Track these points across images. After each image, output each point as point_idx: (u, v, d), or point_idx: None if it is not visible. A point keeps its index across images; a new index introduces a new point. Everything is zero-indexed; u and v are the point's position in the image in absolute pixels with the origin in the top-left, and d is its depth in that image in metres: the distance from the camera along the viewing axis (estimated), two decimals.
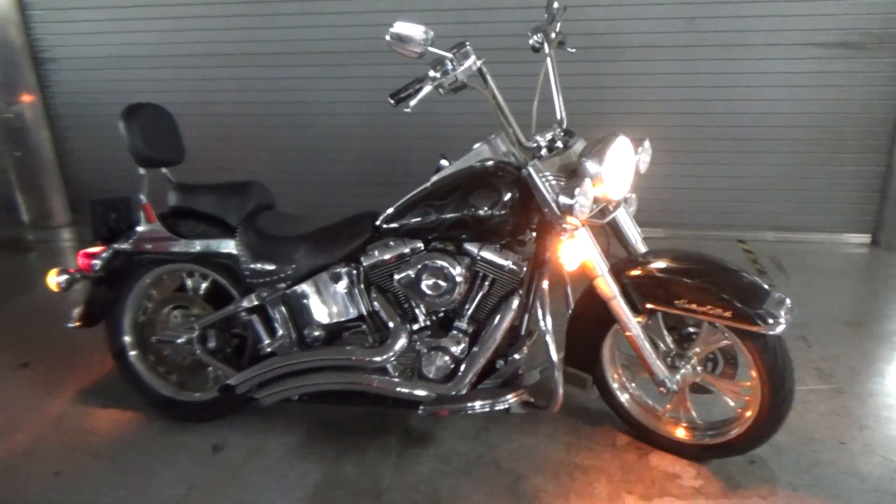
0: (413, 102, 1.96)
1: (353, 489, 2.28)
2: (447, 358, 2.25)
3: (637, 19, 4.00)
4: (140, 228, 2.50)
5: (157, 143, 2.48)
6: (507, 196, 2.13)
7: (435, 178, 2.27)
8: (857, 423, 2.54)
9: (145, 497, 2.29)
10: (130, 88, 4.61)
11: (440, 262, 2.18)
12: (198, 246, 2.45)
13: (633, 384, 2.46)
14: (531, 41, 2.39)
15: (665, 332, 2.31)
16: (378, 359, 2.29)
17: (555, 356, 2.13)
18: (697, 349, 2.26)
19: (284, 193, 2.49)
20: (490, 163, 2.19)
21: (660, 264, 2.16)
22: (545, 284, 2.17)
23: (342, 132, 4.46)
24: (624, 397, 2.44)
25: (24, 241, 4.75)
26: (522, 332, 2.30)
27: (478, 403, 2.20)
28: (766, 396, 2.12)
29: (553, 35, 2.40)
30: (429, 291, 2.21)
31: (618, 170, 2.09)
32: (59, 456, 2.51)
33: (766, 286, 2.07)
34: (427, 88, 1.97)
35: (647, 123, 4.14)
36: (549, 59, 2.35)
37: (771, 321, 1.97)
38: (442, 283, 2.19)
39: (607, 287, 2.14)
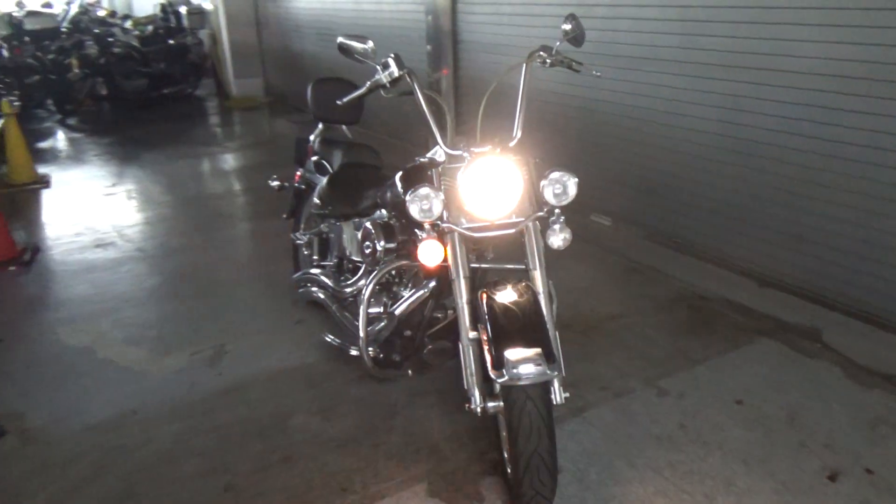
0: (345, 99, 2.53)
1: (304, 373, 3.05)
2: (371, 309, 2.74)
3: None
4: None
5: (333, 108, 3.50)
6: None
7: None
8: None
9: (232, 331, 3.52)
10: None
11: (372, 230, 2.68)
12: (322, 181, 3.43)
13: None
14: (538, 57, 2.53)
15: None
16: (346, 290, 2.93)
17: (362, 331, 2.46)
18: None
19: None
20: (424, 159, 2.53)
21: (504, 292, 2.17)
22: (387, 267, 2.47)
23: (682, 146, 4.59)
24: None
25: None
26: (424, 314, 2.60)
27: (350, 346, 2.66)
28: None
29: (541, 53, 2.48)
30: (364, 249, 2.74)
31: (478, 188, 2.20)
32: (218, 283, 3.95)
33: (545, 345, 1.94)
34: (361, 90, 2.50)
35: None
36: (522, 73, 2.46)
37: (500, 369, 1.90)
38: (367, 244, 2.69)
39: (458, 292, 2.29)
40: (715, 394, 2.86)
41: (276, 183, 3.83)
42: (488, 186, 2.19)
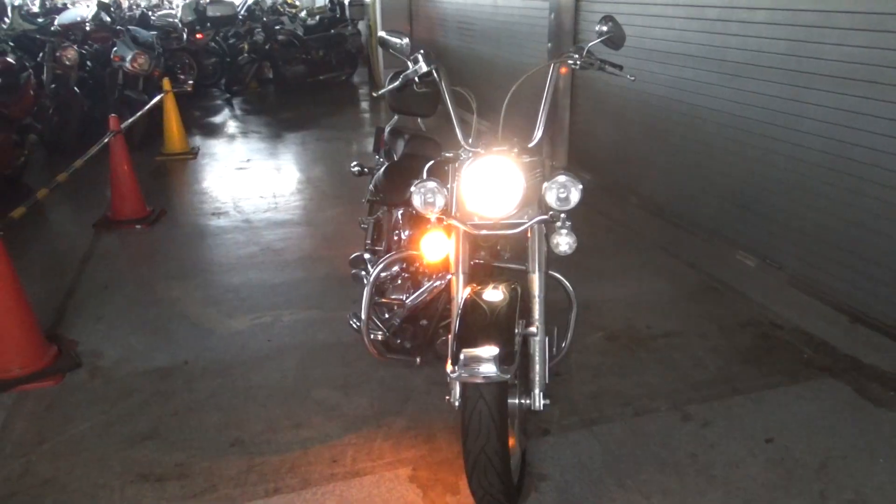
0: (382, 91, 2.64)
1: (342, 350, 3.22)
2: (393, 295, 2.84)
3: None
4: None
5: (406, 100, 3.63)
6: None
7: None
8: None
9: (295, 303, 3.77)
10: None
11: (400, 220, 2.77)
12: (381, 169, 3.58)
13: None
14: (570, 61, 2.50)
15: None
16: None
17: (364, 313, 2.57)
18: None
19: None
20: (451, 154, 2.58)
21: (488, 291, 2.18)
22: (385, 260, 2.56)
23: (720, 143, 4.30)
24: None
25: None
26: (438, 305, 2.67)
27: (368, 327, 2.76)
28: None
29: (573, 54, 2.44)
30: (393, 236, 2.85)
31: (477, 186, 2.22)
32: (303, 258, 4.19)
33: (505, 346, 1.92)
34: (395, 84, 2.60)
35: None
36: (549, 74, 2.43)
37: (455, 366, 1.93)
38: (396, 232, 2.80)
39: (454, 287, 2.34)
40: (745, 428, 2.66)
41: (356, 168, 4.02)
42: (487, 185, 2.20)
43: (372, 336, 2.75)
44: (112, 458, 2.54)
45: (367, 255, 3.40)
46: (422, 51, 2.47)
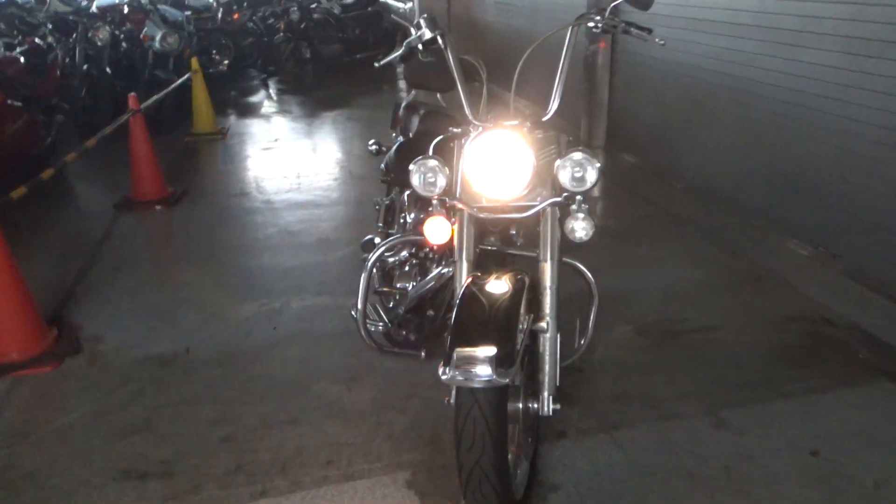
0: (384, 61, 2.42)
1: (348, 340, 2.98)
2: (399, 283, 2.63)
3: None
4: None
5: (423, 74, 3.39)
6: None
7: None
8: None
9: (306, 289, 3.59)
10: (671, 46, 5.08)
11: (406, 202, 2.55)
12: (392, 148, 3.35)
13: None
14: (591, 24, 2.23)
15: None
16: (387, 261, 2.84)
17: (360, 302, 2.36)
18: None
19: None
20: (458, 130, 2.34)
21: (490, 282, 1.94)
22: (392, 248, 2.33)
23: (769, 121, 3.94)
24: None
25: None
26: (445, 295, 2.44)
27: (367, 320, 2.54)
28: None
29: (595, 16, 2.17)
30: (399, 220, 2.63)
31: (482, 164, 1.99)
32: (322, 241, 4.01)
33: (505, 346, 1.69)
34: (397, 53, 2.37)
35: None
36: (567, 40, 2.16)
37: (446, 368, 1.70)
38: (402, 215, 2.58)
39: (457, 275, 2.11)
40: (787, 437, 2.37)
41: (374, 147, 3.81)
42: (494, 163, 1.97)
43: (373, 328, 2.55)
44: (97, 453, 2.40)
45: (377, 239, 3.19)
46: (425, 15, 2.22)
